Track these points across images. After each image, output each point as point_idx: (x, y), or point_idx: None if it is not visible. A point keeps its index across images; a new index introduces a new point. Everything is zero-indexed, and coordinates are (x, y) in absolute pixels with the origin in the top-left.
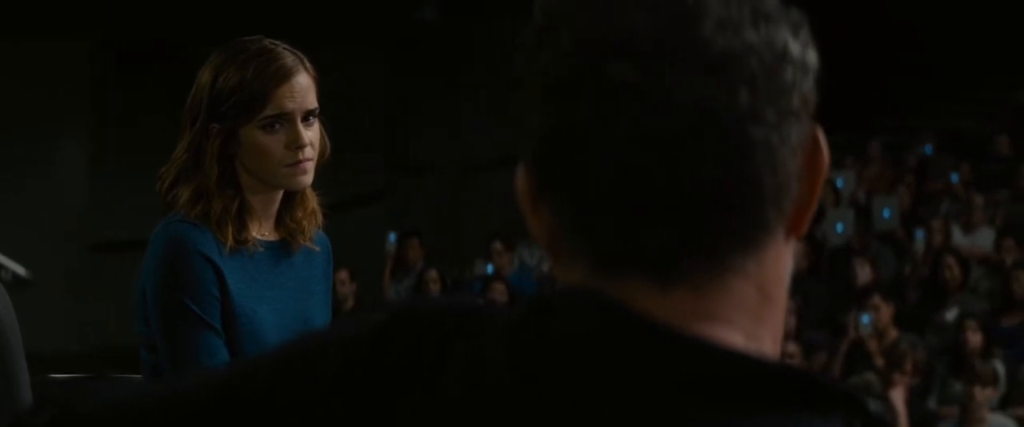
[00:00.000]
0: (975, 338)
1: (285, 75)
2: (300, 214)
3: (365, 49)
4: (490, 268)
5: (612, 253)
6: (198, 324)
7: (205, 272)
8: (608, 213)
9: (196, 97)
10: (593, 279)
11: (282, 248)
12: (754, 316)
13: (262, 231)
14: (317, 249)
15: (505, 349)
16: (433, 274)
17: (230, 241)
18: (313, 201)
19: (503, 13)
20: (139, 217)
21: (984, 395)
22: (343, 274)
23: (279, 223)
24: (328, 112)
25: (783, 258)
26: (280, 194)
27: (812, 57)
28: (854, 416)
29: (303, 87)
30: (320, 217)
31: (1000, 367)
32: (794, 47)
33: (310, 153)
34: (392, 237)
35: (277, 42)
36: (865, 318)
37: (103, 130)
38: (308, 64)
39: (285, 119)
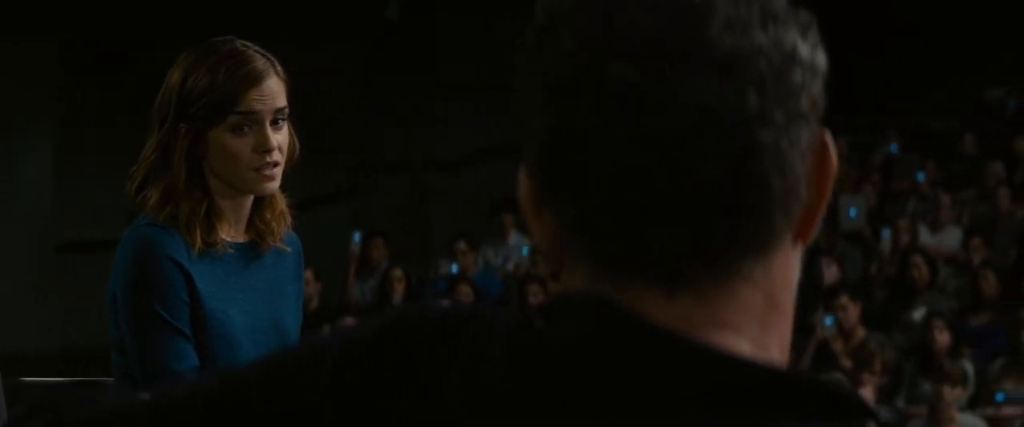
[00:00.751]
0: (943, 337)
1: (255, 78)
2: (269, 216)
3: (328, 49)
4: (455, 268)
5: (615, 257)
6: (167, 329)
7: (174, 276)
8: (611, 216)
9: (165, 97)
10: (596, 284)
11: (252, 250)
12: (761, 323)
13: (232, 233)
14: (288, 250)
15: (505, 355)
16: (397, 274)
17: (198, 243)
18: (282, 203)
19: (467, 12)
20: (106, 217)
21: (953, 395)
22: (308, 274)
23: (249, 225)
24: (292, 111)
25: (791, 264)
26: (250, 197)
27: (821, 59)
28: (863, 424)
29: (273, 90)
30: (289, 219)
31: (969, 366)
32: (803, 49)
33: (278, 157)
34: (357, 237)
35: (248, 44)
36: (828, 320)
37: (70, 130)
38: (279, 67)
39: (254, 122)
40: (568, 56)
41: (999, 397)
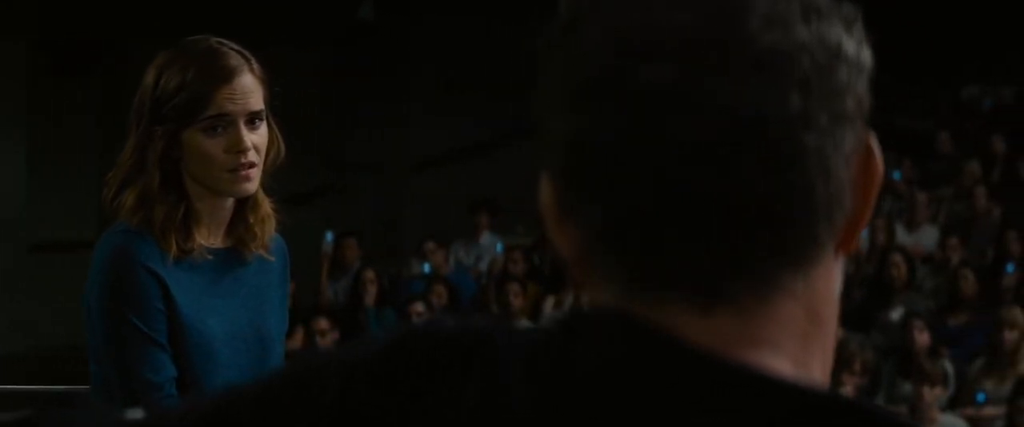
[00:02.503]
0: (922, 337)
1: (227, 76)
2: (252, 219)
3: (299, 48)
4: (427, 267)
5: (647, 272)
6: (142, 339)
7: (148, 284)
8: (642, 227)
9: (140, 99)
10: (625, 300)
11: (233, 256)
12: (802, 340)
13: (211, 239)
14: (272, 259)
15: (525, 376)
16: (370, 274)
17: (174, 250)
18: (266, 206)
19: (440, 12)
20: (77, 218)
21: (933, 395)
22: None
23: (231, 230)
24: (270, 110)
25: (832, 276)
26: (230, 200)
27: (866, 56)
28: None
29: (246, 88)
30: (273, 223)
31: (949, 366)
32: (848, 45)
33: (253, 157)
34: (329, 237)
35: (225, 41)
36: None
37: (41, 130)
38: (255, 65)
39: (226, 122)
40: (595, 55)
41: (980, 397)
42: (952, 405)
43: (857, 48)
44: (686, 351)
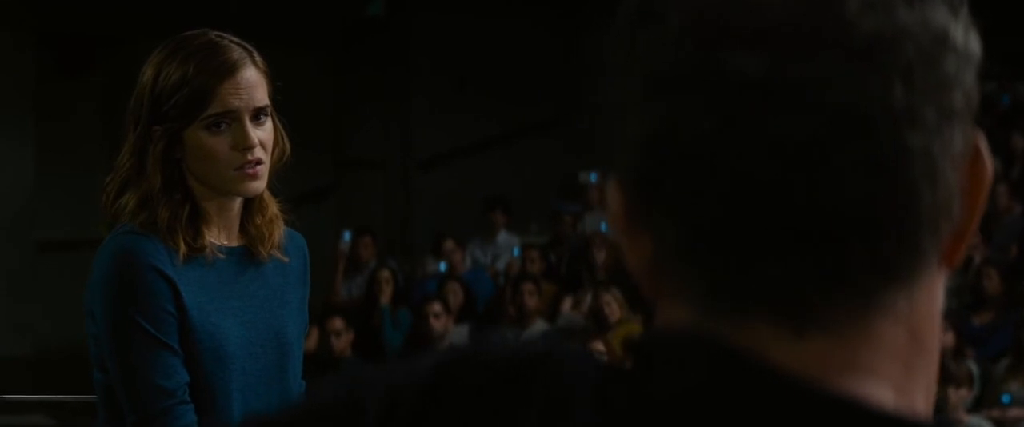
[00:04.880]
0: (946, 338)
1: (230, 70)
2: (259, 221)
3: (310, 45)
4: (443, 266)
5: (731, 289)
6: (152, 343)
7: (157, 285)
8: (728, 238)
9: (138, 97)
10: (706, 321)
11: (248, 255)
12: (905, 365)
13: (223, 238)
14: (285, 259)
15: (595, 406)
16: (385, 274)
17: (183, 249)
18: (273, 206)
19: (451, 8)
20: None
21: (959, 396)
22: None
23: (243, 229)
24: (275, 106)
25: (936, 293)
26: (237, 200)
27: (975, 44)
28: None
29: (250, 83)
30: (281, 224)
31: (974, 367)
32: (956, 31)
33: (260, 154)
34: (346, 236)
35: (224, 35)
36: None
37: (47, 128)
38: (258, 58)
39: (231, 118)
40: (674, 45)
41: (1005, 399)
42: (977, 406)
43: (964, 35)
44: (777, 378)
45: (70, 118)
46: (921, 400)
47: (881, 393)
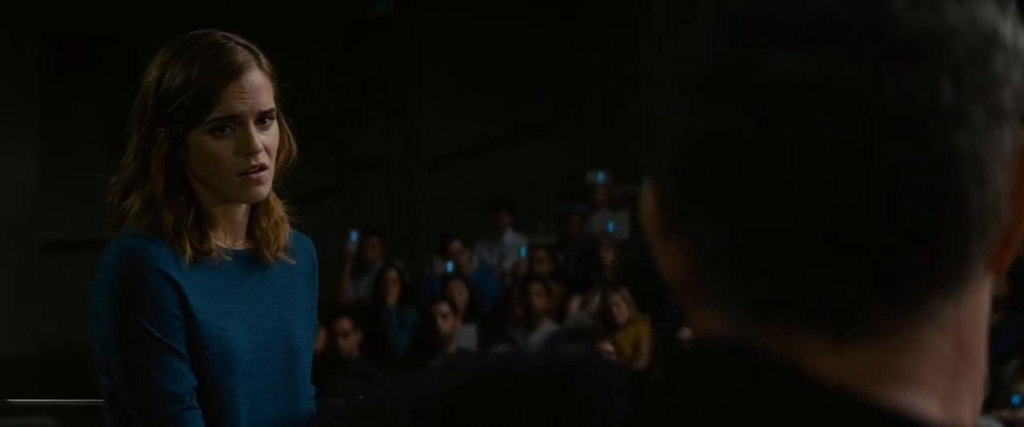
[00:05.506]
0: None
1: (234, 72)
2: (265, 224)
3: (314, 45)
4: (450, 266)
5: (773, 297)
6: (158, 348)
7: (162, 289)
8: (769, 245)
9: (142, 98)
10: (746, 330)
11: (255, 258)
12: (951, 376)
13: (229, 241)
14: (292, 262)
15: (630, 419)
16: (392, 275)
17: (189, 252)
18: (279, 209)
19: (456, 8)
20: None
21: None
22: None
23: (250, 232)
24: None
25: (982, 301)
26: (243, 204)
27: None
28: None
29: (255, 86)
30: (288, 226)
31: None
32: (1004, 29)
33: (264, 160)
34: (354, 236)
35: (230, 36)
36: None
37: (51, 128)
38: (264, 60)
39: (235, 122)
40: (715, 42)
41: (1015, 400)
42: (986, 407)
43: (1014, 33)
44: (820, 389)
45: (73, 118)
46: (967, 412)
47: (927, 405)
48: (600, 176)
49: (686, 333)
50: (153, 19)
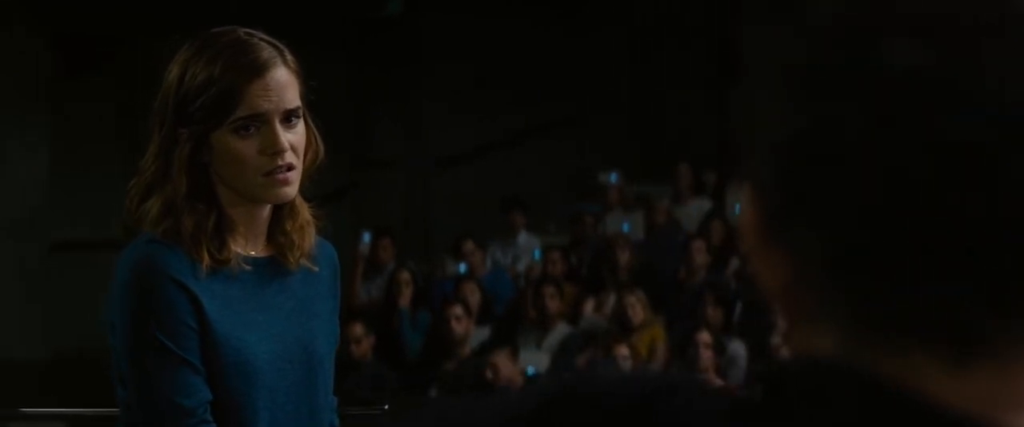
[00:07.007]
0: None
1: (259, 70)
2: (289, 227)
3: (326, 44)
4: (463, 267)
5: (884, 314)
6: (172, 360)
7: (177, 299)
8: (879, 255)
9: (163, 97)
10: (853, 348)
11: (275, 266)
12: None
13: (249, 248)
14: (315, 269)
15: None
16: (405, 276)
17: (206, 260)
18: (305, 212)
19: (467, 7)
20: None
21: None
22: None
23: (271, 238)
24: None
25: None
26: (267, 206)
27: None
28: None
29: (281, 83)
30: (313, 230)
31: None
32: None
33: (291, 159)
34: (366, 237)
35: (254, 32)
36: None
37: (61, 128)
38: (289, 57)
39: (260, 121)
40: (823, 33)
41: None
42: None
43: None
44: (935, 415)
45: (84, 118)
46: None
47: None
48: (613, 176)
49: (781, 348)
50: (164, 18)
